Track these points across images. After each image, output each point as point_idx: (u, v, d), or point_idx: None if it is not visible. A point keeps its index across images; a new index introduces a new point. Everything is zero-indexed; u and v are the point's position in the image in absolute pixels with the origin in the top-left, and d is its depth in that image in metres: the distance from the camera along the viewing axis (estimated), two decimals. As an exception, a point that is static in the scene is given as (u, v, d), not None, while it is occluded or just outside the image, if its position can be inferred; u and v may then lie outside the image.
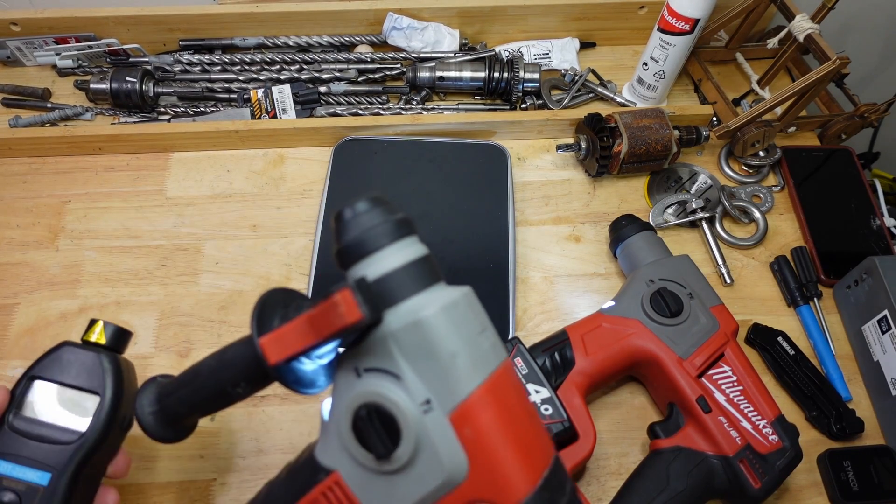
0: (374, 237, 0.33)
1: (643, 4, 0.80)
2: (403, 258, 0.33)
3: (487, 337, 0.34)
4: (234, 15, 0.76)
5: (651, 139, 0.69)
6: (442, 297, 0.33)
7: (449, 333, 0.31)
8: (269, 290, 0.36)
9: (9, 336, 0.61)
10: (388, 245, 0.33)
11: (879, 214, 0.71)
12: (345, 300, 0.29)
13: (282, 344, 0.32)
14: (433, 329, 0.31)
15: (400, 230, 0.34)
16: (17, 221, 0.68)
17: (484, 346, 0.33)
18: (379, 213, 0.34)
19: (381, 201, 0.35)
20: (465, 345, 0.32)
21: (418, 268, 0.33)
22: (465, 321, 0.33)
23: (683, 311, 0.56)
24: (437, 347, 0.31)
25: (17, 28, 0.74)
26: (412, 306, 0.32)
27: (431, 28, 0.79)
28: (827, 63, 0.66)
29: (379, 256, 0.33)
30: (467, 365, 0.31)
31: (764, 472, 0.50)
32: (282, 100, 0.74)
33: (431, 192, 0.69)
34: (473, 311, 0.34)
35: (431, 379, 0.32)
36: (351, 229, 0.34)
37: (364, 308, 0.29)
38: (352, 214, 0.34)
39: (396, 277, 0.32)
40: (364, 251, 0.33)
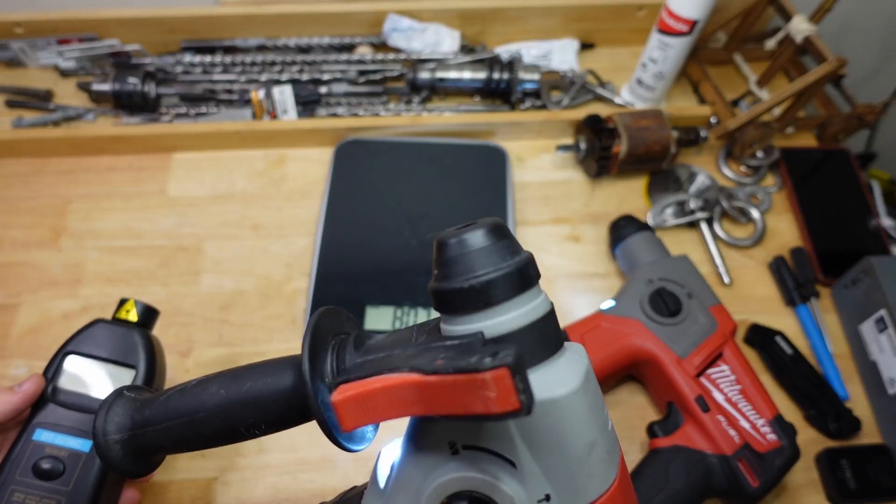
0: (497, 284, 0.26)
1: (642, 6, 0.80)
2: (531, 315, 0.26)
3: (607, 412, 0.28)
4: (236, 16, 0.76)
5: (650, 140, 0.69)
6: (576, 367, 0.26)
7: (588, 417, 0.25)
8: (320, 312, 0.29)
9: (11, 336, 0.61)
10: (512, 297, 0.26)
11: (876, 214, 0.71)
12: (499, 384, 0.22)
13: (365, 407, 0.24)
14: (572, 412, 0.25)
15: (527, 277, 0.27)
16: (19, 222, 0.68)
17: (610, 427, 0.27)
18: (501, 250, 0.27)
19: (504, 233, 0.28)
20: (601, 432, 0.26)
21: (546, 328, 0.27)
22: (598, 400, 0.27)
23: (682, 310, 0.57)
24: (574, 435, 0.25)
25: (21, 29, 0.74)
26: (543, 380, 0.25)
27: (431, 29, 0.79)
28: (824, 64, 0.67)
29: (500, 310, 0.26)
30: (603, 458, 0.25)
31: (762, 471, 0.51)
32: (283, 100, 0.74)
33: (431, 193, 0.69)
34: (595, 381, 0.27)
35: (557, 471, 0.25)
36: (460, 266, 0.26)
37: (523, 397, 0.22)
38: (463, 247, 0.26)
39: (523, 338, 0.26)
40: (481, 302, 0.26)
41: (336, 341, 0.29)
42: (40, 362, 0.59)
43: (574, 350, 0.28)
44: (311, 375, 0.26)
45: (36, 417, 0.44)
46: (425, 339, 0.27)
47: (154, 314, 0.51)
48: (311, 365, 0.27)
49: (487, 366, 0.22)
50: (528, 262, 0.28)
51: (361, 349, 0.28)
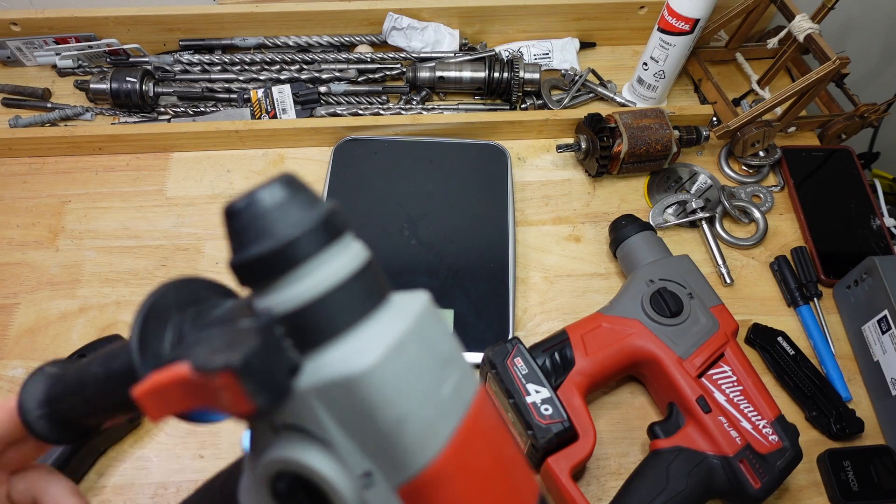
0: (291, 246, 0.23)
1: (643, 4, 0.80)
2: (333, 276, 0.23)
3: (451, 372, 0.25)
4: (234, 15, 0.76)
5: (651, 139, 0.69)
6: (386, 333, 0.23)
7: (393, 392, 0.23)
8: (163, 285, 0.26)
9: (9, 336, 0.61)
10: (309, 259, 0.23)
11: (879, 214, 0.71)
12: (227, 387, 0.21)
13: (163, 400, 0.23)
14: (369, 390, 0.22)
15: (327, 231, 0.24)
16: (17, 221, 0.68)
17: (446, 391, 0.24)
18: (297, 205, 0.24)
19: (295, 186, 0.25)
20: (417, 402, 0.23)
21: (354, 287, 0.24)
22: (420, 363, 0.24)
23: (683, 311, 0.56)
24: (377, 414, 0.23)
25: (18, 28, 0.74)
26: (343, 353, 0.23)
27: (431, 28, 0.79)
28: (827, 63, 0.66)
29: (296, 276, 0.23)
30: (421, 430, 0.23)
31: (764, 472, 0.50)
32: (282, 100, 0.74)
33: (431, 192, 0.69)
34: (431, 338, 0.25)
35: (373, 448, 0.23)
36: (252, 231, 0.23)
37: (258, 399, 0.21)
38: (254, 209, 0.24)
39: (322, 307, 0.23)
40: (273, 269, 0.23)
41: (182, 316, 0.26)
42: (38, 363, 0.59)
43: (402, 307, 0.25)
44: (142, 358, 0.25)
45: None
46: (237, 316, 0.25)
47: None
48: (140, 348, 0.25)
49: (213, 367, 0.21)
50: (329, 215, 0.24)
51: (200, 323, 0.26)
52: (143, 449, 0.56)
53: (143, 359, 0.25)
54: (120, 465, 0.55)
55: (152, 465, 0.55)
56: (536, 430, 0.49)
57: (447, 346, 0.26)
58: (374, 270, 0.25)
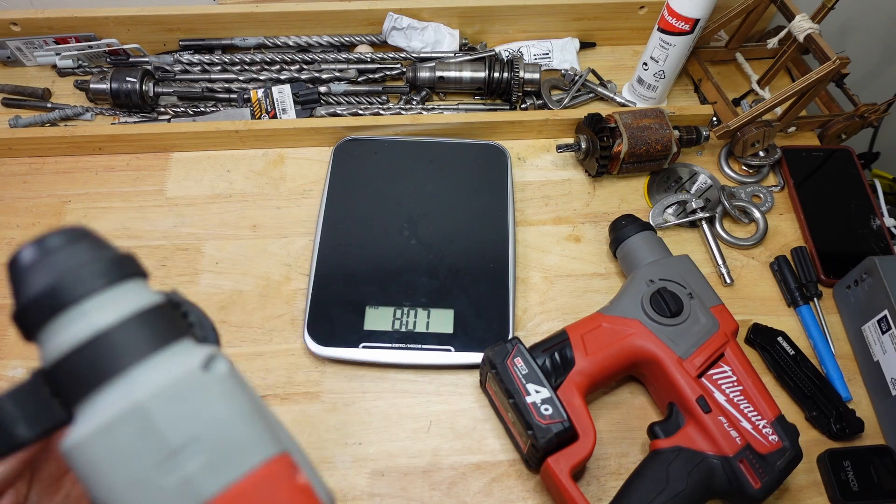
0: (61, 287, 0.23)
1: (643, 4, 0.80)
2: (84, 330, 0.23)
3: (188, 459, 0.23)
4: (234, 15, 0.76)
5: (651, 139, 0.69)
6: (107, 408, 0.22)
7: (95, 474, 0.22)
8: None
9: (9, 336, 0.61)
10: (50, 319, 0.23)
11: (879, 214, 0.71)
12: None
13: None
14: (76, 466, 0.22)
15: (108, 273, 0.24)
16: (17, 221, 0.68)
17: (168, 484, 0.22)
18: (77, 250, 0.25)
19: (80, 234, 0.25)
20: (120, 491, 0.22)
21: (104, 344, 0.23)
22: (129, 449, 0.22)
23: (683, 311, 0.56)
24: (89, 490, 0.23)
25: (18, 28, 0.74)
26: (85, 416, 0.23)
27: (431, 28, 0.79)
28: (827, 63, 0.66)
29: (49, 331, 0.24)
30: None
31: (764, 472, 0.50)
32: (282, 100, 0.74)
33: (431, 192, 0.69)
34: (157, 423, 0.23)
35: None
36: (30, 277, 0.24)
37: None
38: (23, 259, 0.24)
39: (71, 364, 0.23)
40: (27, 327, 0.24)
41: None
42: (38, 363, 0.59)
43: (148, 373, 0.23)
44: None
45: None
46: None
47: None
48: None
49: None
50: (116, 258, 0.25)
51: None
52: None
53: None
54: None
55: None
56: (536, 430, 0.49)
57: (192, 428, 0.23)
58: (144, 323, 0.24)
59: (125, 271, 0.25)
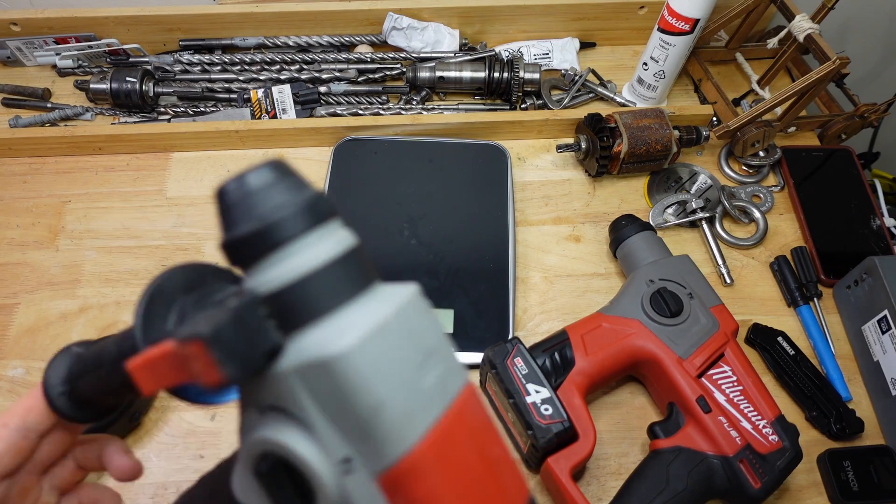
0: (272, 227, 0.24)
1: (643, 4, 0.80)
2: (318, 257, 0.24)
3: (433, 366, 0.25)
4: (234, 15, 0.76)
5: (651, 139, 0.69)
6: (368, 317, 0.23)
7: (370, 377, 0.22)
8: (170, 268, 0.27)
9: (9, 336, 0.61)
10: (295, 239, 0.24)
11: (879, 214, 0.71)
12: (197, 356, 0.21)
13: (153, 373, 0.24)
14: (345, 373, 0.22)
15: (313, 214, 0.25)
16: (17, 221, 0.68)
17: (426, 384, 0.24)
18: (282, 188, 0.25)
19: (284, 170, 0.25)
20: (395, 389, 0.23)
21: (339, 270, 0.24)
22: (400, 352, 0.24)
23: (683, 311, 0.56)
24: (353, 397, 0.22)
25: (18, 28, 0.74)
26: (322, 335, 0.23)
27: (431, 28, 0.79)
28: (827, 63, 0.66)
29: (281, 255, 0.24)
30: (397, 418, 0.23)
31: (764, 472, 0.50)
32: (282, 100, 0.74)
33: (431, 192, 0.69)
34: (415, 330, 0.25)
35: (351, 433, 0.23)
36: (240, 212, 0.24)
37: (227, 369, 0.21)
38: (241, 190, 0.24)
39: (306, 288, 0.24)
40: (258, 248, 0.24)
41: (187, 298, 0.27)
42: (38, 363, 0.59)
43: (388, 295, 0.25)
44: (144, 336, 0.26)
45: None
46: (229, 296, 0.26)
47: None
48: (143, 326, 0.26)
49: (185, 335, 0.21)
50: (313, 199, 0.25)
51: (202, 305, 0.27)
52: (143, 449, 0.56)
53: (145, 336, 0.26)
54: (120, 465, 0.55)
55: (152, 465, 0.55)
56: (536, 430, 0.49)
57: (433, 339, 0.25)
58: (359, 257, 0.26)
59: (330, 209, 0.26)
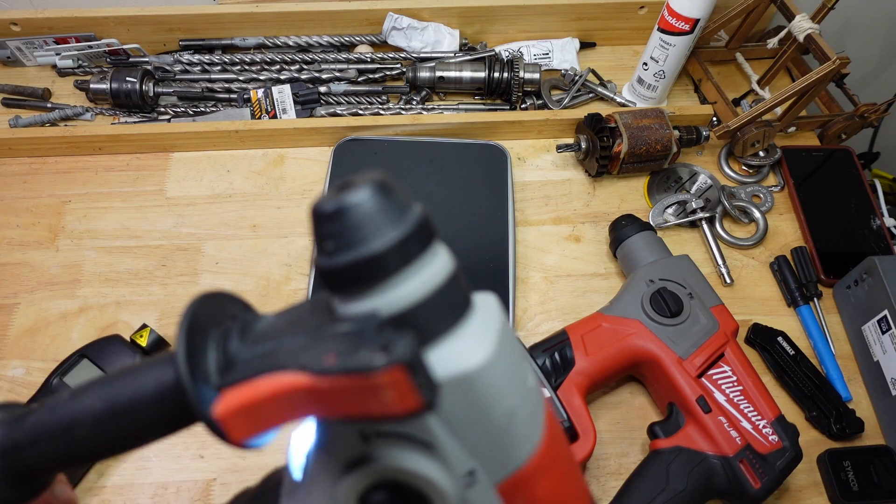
0: (388, 254, 0.22)
1: (643, 4, 0.80)
2: (431, 280, 0.23)
3: (529, 368, 0.26)
4: (234, 15, 0.76)
5: (651, 139, 0.69)
6: (487, 331, 0.23)
7: (505, 385, 0.23)
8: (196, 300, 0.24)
9: (9, 336, 0.61)
10: (409, 264, 0.23)
11: (879, 214, 0.71)
12: (395, 384, 0.20)
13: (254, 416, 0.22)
14: (486, 384, 0.22)
15: (423, 237, 0.23)
16: (17, 221, 0.68)
17: (531, 384, 0.25)
18: (390, 210, 0.23)
19: (389, 189, 0.24)
20: (521, 395, 0.24)
21: (450, 291, 0.23)
22: (515, 359, 0.24)
23: (683, 311, 0.56)
24: (492, 407, 0.23)
25: (18, 28, 0.74)
26: (451, 352, 0.23)
27: (431, 28, 0.79)
28: (827, 63, 0.66)
29: (396, 281, 0.22)
30: (525, 422, 0.24)
31: (764, 473, 0.50)
32: (282, 100, 0.74)
33: (431, 192, 0.69)
34: (512, 336, 0.25)
35: (479, 445, 0.23)
36: (347, 237, 0.22)
37: (426, 394, 0.20)
38: (346, 213, 0.22)
39: (425, 311, 0.23)
40: (373, 275, 0.22)
41: (220, 331, 0.25)
42: (38, 363, 0.59)
43: (485, 306, 0.25)
44: (192, 378, 0.22)
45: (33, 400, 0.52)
46: (317, 322, 0.24)
47: (162, 346, 0.57)
48: (189, 365, 0.22)
49: (379, 364, 0.20)
50: (423, 220, 0.23)
51: (249, 337, 0.25)
52: (143, 449, 0.56)
53: (193, 380, 0.22)
54: (120, 465, 0.55)
55: (152, 465, 0.55)
56: (536, 430, 0.49)
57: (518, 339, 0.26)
58: (461, 274, 0.25)
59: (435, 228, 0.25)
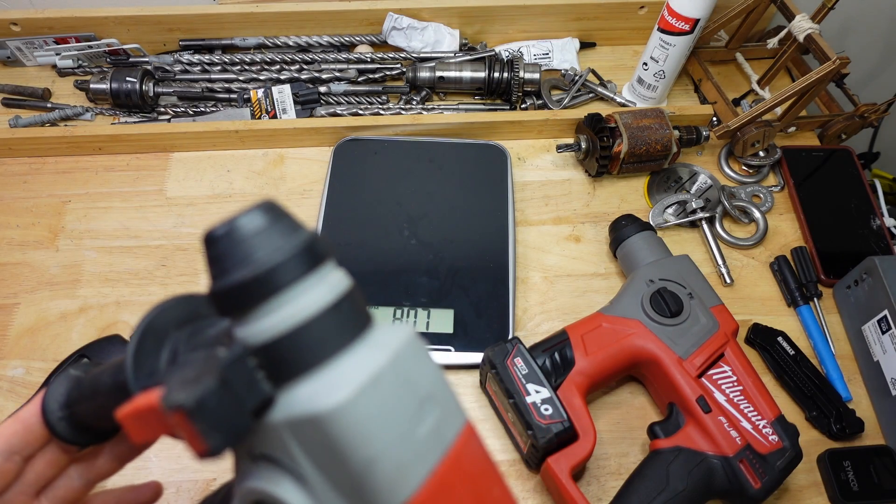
0: (268, 274, 0.23)
1: (643, 4, 0.80)
2: (311, 305, 0.23)
3: (429, 412, 0.24)
4: (234, 15, 0.76)
5: (651, 139, 0.69)
6: (361, 369, 0.23)
7: (363, 432, 0.22)
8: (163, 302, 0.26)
9: (9, 336, 0.61)
10: (288, 287, 0.23)
11: (879, 214, 0.71)
12: (181, 425, 0.20)
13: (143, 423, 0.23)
14: (337, 429, 0.22)
15: (308, 259, 0.24)
16: (17, 221, 0.68)
17: (422, 432, 0.24)
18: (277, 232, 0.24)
19: (275, 213, 0.24)
20: (389, 443, 0.22)
21: (332, 319, 0.23)
22: (394, 402, 0.23)
23: (683, 311, 0.56)
24: (346, 452, 0.22)
25: (18, 28, 0.74)
26: (314, 389, 0.22)
27: (431, 28, 0.79)
28: (827, 63, 0.66)
29: (275, 304, 0.23)
30: (391, 472, 0.22)
31: (764, 473, 0.50)
32: (282, 100, 0.74)
33: (431, 192, 0.69)
34: (410, 376, 0.24)
35: (344, 488, 0.23)
36: (230, 259, 0.23)
37: (210, 440, 0.21)
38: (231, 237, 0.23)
39: (298, 338, 0.23)
40: (250, 298, 0.23)
41: (181, 333, 0.26)
42: (38, 363, 0.59)
43: (381, 340, 0.24)
44: (136, 376, 0.25)
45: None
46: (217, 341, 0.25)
47: None
48: (135, 364, 0.25)
49: (167, 405, 0.20)
50: (306, 244, 0.24)
51: (194, 342, 0.26)
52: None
53: (136, 377, 0.25)
54: (120, 465, 0.55)
55: (152, 465, 0.55)
56: (536, 430, 0.49)
57: (428, 383, 0.24)
58: (354, 300, 0.25)
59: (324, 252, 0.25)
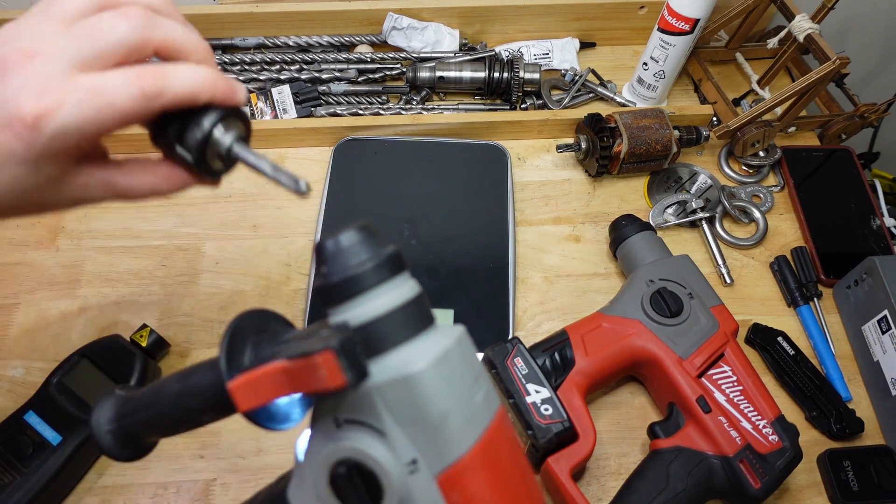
0: (361, 276, 0.30)
1: (643, 4, 0.80)
2: (393, 300, 0.30)
3: (481, 386, 0.31)
4: (234, 15, 0.76)
5: (651, 139, 0.69)
6: (434, 347, 0.30)
7: (441, 391, 0.29)
8: (242, 313, 0.33)
9: (9, 336, 0.61)
10: (377, 286, 0.30)
11: (879, 214, 0.71)
12: (327, 364, 0.27)
13: (254, 390, 0.29)
14: (423, 387, 0.28)
15: (391, 267, 0.31)
16: (17, 221, 0.68)
17: (477, 400, 0.31)
18: (367, 246, 0.31)
19: (369, 232, 0.32)
20: (457, 402, 0.29)
21: (409, 312, 0.31)
22: (459, 373, 0.30)
23: (683, 311, 0.56)
24: (427, 407, 0.28)
25: (18, 28, 0.74)
26: (401, 358, 0.29)
27: (431, 28, 0.79)
28: (827, 63, 0.66)
29: (366, 298, 0.30)
30: (460, 425, 0.29)
31: (764, 473, 0.50)
32: (282, 100, 0.74)
33: (431, 192, 0.69)
34: (467, 358, 0.31)
35: (419, 438, 0.29)
36: (335, 264, 0.30)
37: (349, 374, 0.27)
38: (336, 247, 0.31)
39: (385, 324, 0.30)
40: (349, 292, 0.30)
41: (258, 337, 0.33)
42: (38, 363, 0.59)
43: (445, 331, 0.32)
44: (229, 367, 0.31)
45: (33, 400, 0.53)
46: (314, 329, 0.31)
47: (162, 346, 0.58)
48: (228, 359, 0.31)
49: (316, 349, 0.27)
50: (391, 255, 0.31)
51: (275, 342, 0.32)
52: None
53: (229, 367, 0.31)
54: (120, 465, 0.55)
55: (152, 465, 0.55)
56: (536, 430, 0.49)
57: (478, 366, 0.32)
58: (424, 300, 0.32)
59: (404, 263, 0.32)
